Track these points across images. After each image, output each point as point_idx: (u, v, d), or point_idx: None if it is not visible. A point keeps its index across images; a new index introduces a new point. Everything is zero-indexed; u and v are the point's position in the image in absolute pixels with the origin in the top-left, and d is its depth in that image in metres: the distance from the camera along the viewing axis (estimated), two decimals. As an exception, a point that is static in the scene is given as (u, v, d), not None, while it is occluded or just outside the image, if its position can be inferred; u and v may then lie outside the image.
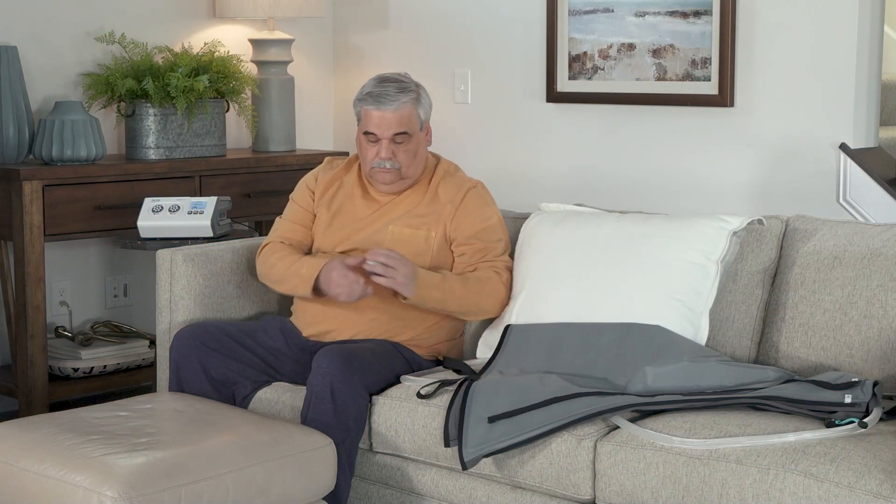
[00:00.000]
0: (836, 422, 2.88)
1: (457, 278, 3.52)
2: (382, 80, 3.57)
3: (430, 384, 3.28)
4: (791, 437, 2.81)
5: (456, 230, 3.58)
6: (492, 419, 3.06)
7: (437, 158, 3.70)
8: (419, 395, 3.25)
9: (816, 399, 2.98)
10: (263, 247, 3.69)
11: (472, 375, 3.33)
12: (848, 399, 2.95)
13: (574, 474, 3.01)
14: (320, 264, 3.49)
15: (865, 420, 2.86)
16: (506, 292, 3.57)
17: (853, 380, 3.01)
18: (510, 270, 3.60)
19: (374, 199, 3.63)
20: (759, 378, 3.14)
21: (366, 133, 3.55)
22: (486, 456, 3.07)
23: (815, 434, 2.82)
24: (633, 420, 3.03)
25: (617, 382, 3.20)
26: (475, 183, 3.66)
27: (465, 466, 3.07)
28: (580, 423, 3.03)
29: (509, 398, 3.10)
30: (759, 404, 3.03)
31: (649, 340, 3.28)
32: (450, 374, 3.41)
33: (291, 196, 3.77)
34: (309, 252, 3.69)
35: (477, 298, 3.53)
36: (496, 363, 3.39)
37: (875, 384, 2.99)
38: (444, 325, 3.61)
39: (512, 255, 3.69)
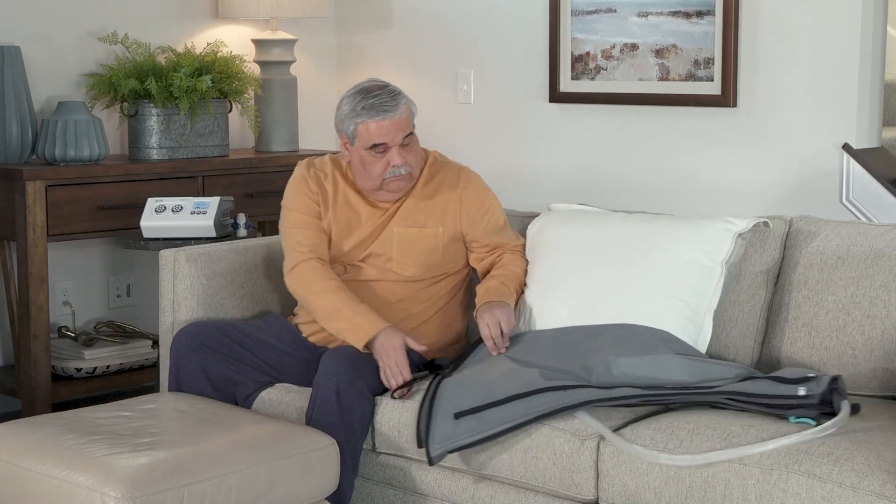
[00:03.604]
0: (791, 419, 2.88)
1: (511, 279, 3.52)
2: (369, 91, 3.47)
3: (401, 387, 3.29)
4: (771, 445, 2.79)
5: (467, 226, 3.55)
6: (458, 415, 3.09)
7: (424, 150, 3.66)
8: (392, 397, 3.26)
9: (771, 393, 2.97)
10: (297, 265, 3.51)
11: (443, 371, 3.32)
12: (801, 392, 2.94)
13: (577, 474, 3.01)
14: (378, 323, 3.38)
15: (826, 422, 2.84)
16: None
17: (809, 374, 3.01)
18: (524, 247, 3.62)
19: (374, 204, 3.57)
20: (719, 375, 3.13)
21: (373, 146, 3.44)
22: (452, 451, 3.10)
23: (793, 438, 2.80)
24: (624, 425, 3.03)
25: (581, 374, 3.18)
26: (465, 170, 3.61)
27: (431, 462, 3.10)
28: (547, 418, 3.04)
29: (475, 394, 3.12)
30: (716, 402, 3.03)
31: (621, 335, 3.28)
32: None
33: (291, 207, 3.59)
34: None
35: (520, 291, 3.56)
36: (468, 360, 3.39)
37: (834, 379, 2.98)
38: (447, 328, 3.60)
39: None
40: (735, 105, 4.39)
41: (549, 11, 4.79)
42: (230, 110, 4.92)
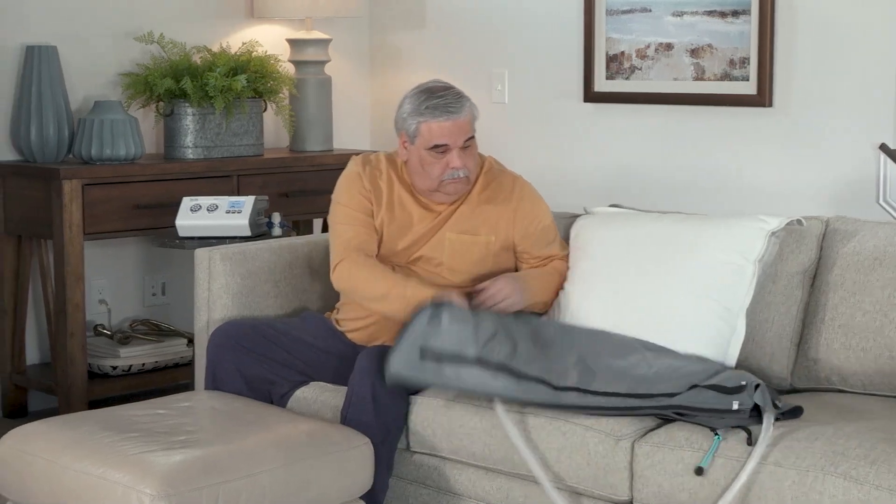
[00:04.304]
0: (717, 434, 2.89)
1: (548, 275, 3.52)
2: (434, 91, 3.45)
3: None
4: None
5: (519, 237, 3.54)
6: (423, 353, 3.14)
7: (481, 156, 3.65)
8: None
9: (708, 407, 2.97)
10: (341, 261, 3.48)
11: (441, 303, 3.29)
12: (735, 406, 2.94)
13: (611, 475, 3.00)
14: (428, 290, 3.36)
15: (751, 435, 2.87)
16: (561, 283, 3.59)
17: (742, 383, 3.00)
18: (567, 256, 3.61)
19: (427, 207, 3.54)
20: (677, 373, 3.12)
21: (434, 147, 3.43)
22: (403, 382, 3.18)
23: (742, 479, 2.81)
24: (658, 426, 3.02)
25: (544, 372, 3.16)
26: (520, 180, 3.61)
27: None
28: (496, 400, 3.12)
29: (448, 341, 3.15)
30: (664, 415, 3.04)
31: (604, 343, 3.28)
32: None
33: (342, 202, 3.55)
34: None
35: (546, 293, 3.55)
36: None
37: (757, 386, 2.97)
38: None
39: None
40: (771, 105, 4.37)
41: (583, 11, 4.78)
42: (265, 110, 4.94)
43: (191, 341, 4.69)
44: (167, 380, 4.71)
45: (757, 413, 2.95)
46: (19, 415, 4.65)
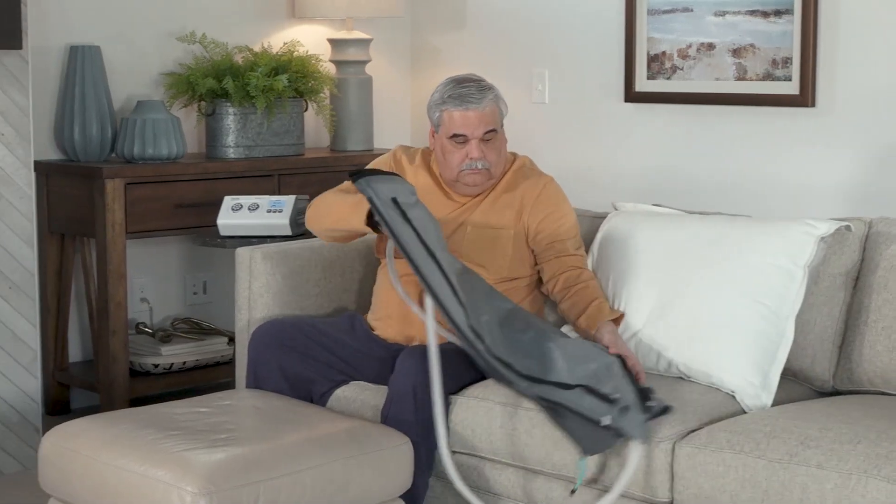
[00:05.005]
0: (580, 462, 2.95)
1: (600, 295, 3.48)
2: (460, 82, 3.53)
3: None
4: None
5: (534, 224, 3.54)
6: (395, 203, 3.14)
7: (514, 154, 3.68)
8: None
9: (581, 411, 2.96)
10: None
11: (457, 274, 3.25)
12: (606, 422, 2.93)
13: (652, 477, 2.99)
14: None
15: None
16: None
17: (615, 395, 2.98)
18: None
19: (452, 199, 3.59)
20: (585, 360, 3.13)
21: (454, 136, 3.49)
22: (366, 196, 3.15)
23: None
24: (700, 427, 3.02)
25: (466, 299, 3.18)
26: (549, 178, 3.63)
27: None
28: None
29: (417, 216, 3.15)
30: (542, 405, 3.05)
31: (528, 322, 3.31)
32: None
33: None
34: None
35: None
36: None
37: (627, 408, 2.95)
38: None
39: (588, 255, 3.67)
40: (813, 105, 4.35)
41: (624, 11, 4.77)
42: (306, 109, 4.96)
43: (232, 340, 4.72)
44: (208, 378, 4.74)
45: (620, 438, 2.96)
46: (62, 412, 4.69)
